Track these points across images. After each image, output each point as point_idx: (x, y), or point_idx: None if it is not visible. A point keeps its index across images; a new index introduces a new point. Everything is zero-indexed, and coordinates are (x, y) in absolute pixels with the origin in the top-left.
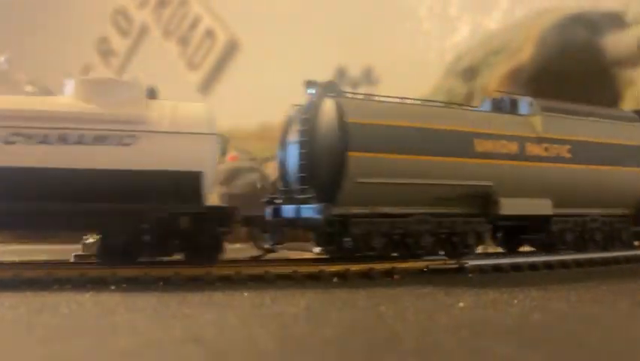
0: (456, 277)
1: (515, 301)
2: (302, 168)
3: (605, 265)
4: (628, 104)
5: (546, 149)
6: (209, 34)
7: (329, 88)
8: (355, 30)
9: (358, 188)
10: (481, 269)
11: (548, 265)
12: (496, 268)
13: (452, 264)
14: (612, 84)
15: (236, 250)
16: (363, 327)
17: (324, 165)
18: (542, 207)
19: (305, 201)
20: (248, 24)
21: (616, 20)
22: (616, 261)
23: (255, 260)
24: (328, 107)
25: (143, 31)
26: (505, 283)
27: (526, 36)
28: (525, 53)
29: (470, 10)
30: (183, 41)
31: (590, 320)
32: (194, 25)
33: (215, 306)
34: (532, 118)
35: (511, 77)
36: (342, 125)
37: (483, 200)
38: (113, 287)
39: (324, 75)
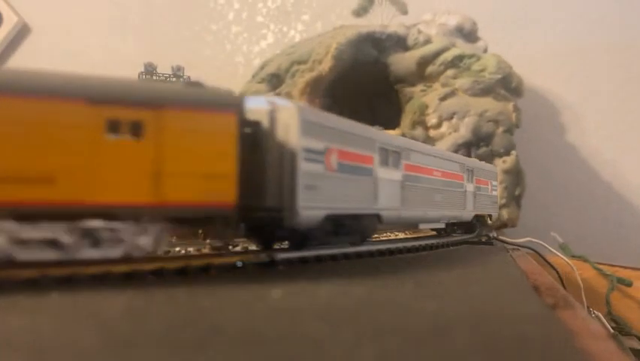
0: (268, 269)
1: (322, 288)
2: None
3: (391, 255)
4: (407, 116)
5: None
6: None
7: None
8: (164, 27)
9: None
10: (289, 261)
11: (346, 256)
12: (303, 260)
13: (264, 258)
14: (396, 98)
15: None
16: (186, 322)
17: None
18: None
19: None
20: (40, 8)
21: (399, 43)
22: (400, 251)
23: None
24: None
25: None
26: (311, 274)
27: (326, 49)
28: (324, 65)
29: (275, 19)
30: None
31: (383, 301)
32: None
33: (23, 311)
34: None
35: (312, 86)
36: None
37: None
38: None
39: (131, 69)
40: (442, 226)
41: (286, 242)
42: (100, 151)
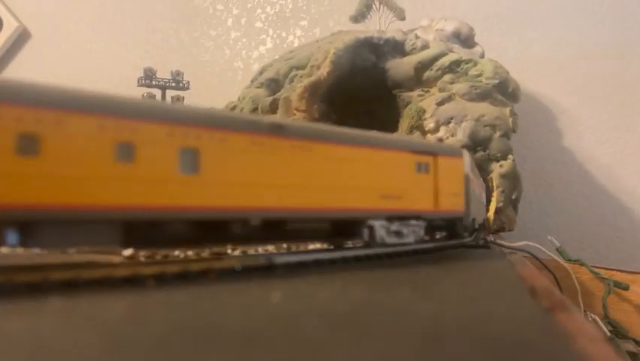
0: (267, 273)
1: (321, 292)
2: None
3: (389, 259)
4: (405, 121)
5: None
6: None
7: None
8: (163, 32)
9: None
10: (288, 265)
11: (345, 260)
12: (301, 264)
13: (263, 262)
14: (394, 103)
15: (36, 255)
16: (187, 325)
17: None
18: None
19: None
20: (40, 13)
21: (397, 48)
22: (398, 255)
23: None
24: None
25: None
26: (310, 277)
27: (324, 54)
28: (323, 70)
29: (274, 25)
30: None
31: (381, 305)
32: None
33: (22, 314)
34: None
35: (310, 91)
36: None
37: None
38: None
39: (130, 74)
40: None
41: None
42: (414, 180)
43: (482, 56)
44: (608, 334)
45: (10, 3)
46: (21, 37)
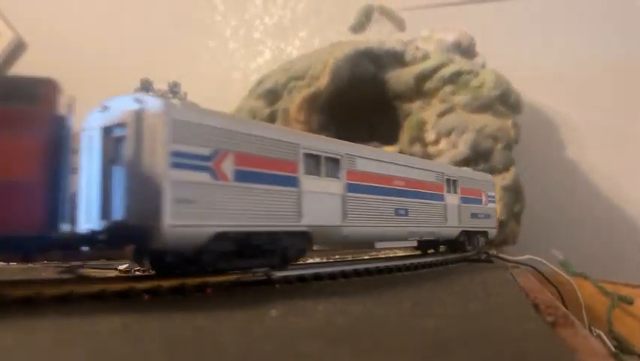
0: (265, 288)
1: (319, 306)
2: None
3: (389, 273)
4: (405, 132)
5: None
6: None
7: None
8: (161, 43)
9: None
10: (286, 280)
11: (344, 275)
12: (300, 279)
13: (261, 276)
14: (394, 114)
15: (29, 269)
16: (183, 340)
17: None
18: None
19: None
20: (36, 24)
21: (397, 59)
22: (399, 269)
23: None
24: None
25: None
26: (309, 292)
27: (323, 65)
28: (322, 81)
29: (272, 35)
30: None
31: (382, 319)
32: None
33: (17, 329)
34: None
35: (309, 102)
36: None
37: None
38: None
39: (126, 85)
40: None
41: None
42: None
43: (484, 66)
44: (613, 349)
45: (6, 14)
46: (17, 48)
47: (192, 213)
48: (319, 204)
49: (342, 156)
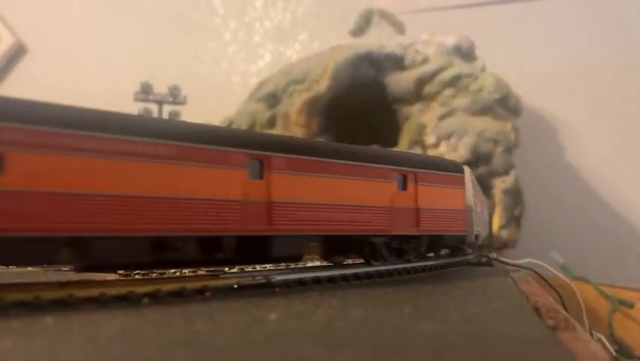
0: (264, 291)
1: (319, 310)
2: None
3: (390, 277)
4: (405, 136)
5: None
6: None
7: None
8: (160, 46)
9: None
10: (286, 283)
11: (344, 278)
12: (300, 282)
13: (260, 279)
14: (394, 118)
15: (29, 272)
16: (182, 344)
17: None
18: None
19: None
20: (37, 27)
21: (397, 62)
22: (399, 273)
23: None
24: None
25: None
26: (308, 295)
27: (323, 68)
28: (322, 85)
29: (272, 39)
30: None
31: (382, 324)
32: None
33: (14, 334)
34: None
35: (309, 106)
36: None
37: None
38: None
39: (128, 88)
40: None
41: None
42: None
43: (483, 69)
44: (614, 353)
45: (7, 18)
46: (17, 52)
47: None
48: None
49: None
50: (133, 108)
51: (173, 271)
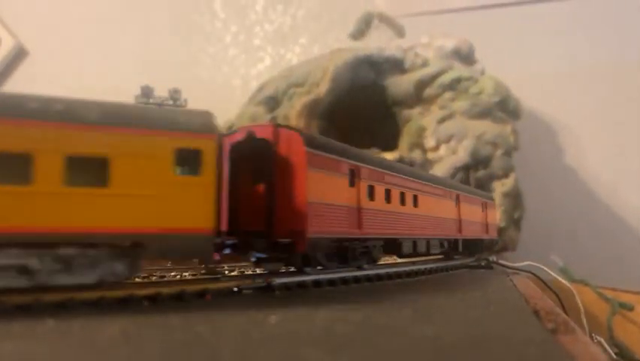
0: (264, 294)
1: (319, 313)
2: None
3: (388, 280)
4: (405, 139)
5: None
6: None
7: None
8: (161, 50)
9: None
10: (286, 286)
11: (344, 281)
12: (300, 285)
13: (261, 282)
14: (394, 121)
15: None
16: (183, 347)
17: None
18: None
19: None
20: (37, 30)
21: (397, 65)
22: (398, 276)
23: None
24: None
25: None
26: (309, 299)
27: (323, 72)
28: (322, 87)
29: (273, 42)
30: None
31: (382, 327)
32: None
33: (15, 337)
34: None
35: (309, 109)
36: None
37: None
38: None
39: (128, 91)
40: None
41: None
42: None
43: (483, 72)
44: (614, 356)
45: (7, 20)
46: (18, 54)
47: None
48: None
49: None
50: None
51: (173, 274)
